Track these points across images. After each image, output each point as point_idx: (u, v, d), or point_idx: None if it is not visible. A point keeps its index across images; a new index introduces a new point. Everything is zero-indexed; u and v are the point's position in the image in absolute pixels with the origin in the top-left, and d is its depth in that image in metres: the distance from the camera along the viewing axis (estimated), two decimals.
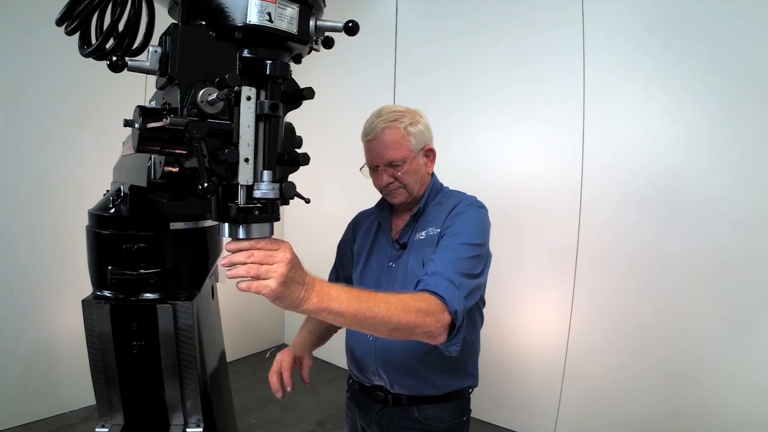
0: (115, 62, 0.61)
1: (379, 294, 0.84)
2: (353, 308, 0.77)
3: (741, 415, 1.65)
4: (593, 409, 2.02)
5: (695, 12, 1.73)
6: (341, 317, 0.77)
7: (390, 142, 1.09)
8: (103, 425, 0.88)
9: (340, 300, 0.77)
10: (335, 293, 0.77)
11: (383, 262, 1.17)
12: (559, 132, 2.08)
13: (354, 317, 0.78)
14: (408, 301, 0.85)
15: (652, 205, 1.84)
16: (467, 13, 2.38)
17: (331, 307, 0.75)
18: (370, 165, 1.15)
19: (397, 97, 2.68)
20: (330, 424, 2.28)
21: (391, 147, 1.09)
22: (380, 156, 1.10)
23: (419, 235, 1.12)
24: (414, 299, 0.86)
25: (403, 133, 1.10)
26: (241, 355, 3.13)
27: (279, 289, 0.67)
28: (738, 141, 1.67)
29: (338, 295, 0.77)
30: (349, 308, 0.77)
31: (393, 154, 1.09)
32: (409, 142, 1.10)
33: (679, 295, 1.79)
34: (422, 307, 0.85)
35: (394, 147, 1.09)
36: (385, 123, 1.10)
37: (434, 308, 0.87)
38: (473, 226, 1.05)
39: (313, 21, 0.68)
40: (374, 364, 1.11)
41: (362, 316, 0.78)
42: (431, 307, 0.86)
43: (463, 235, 1.02)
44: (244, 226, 0.66)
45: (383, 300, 0.82)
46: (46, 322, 2.23)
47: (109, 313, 0.82)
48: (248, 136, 0.62)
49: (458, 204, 1.10)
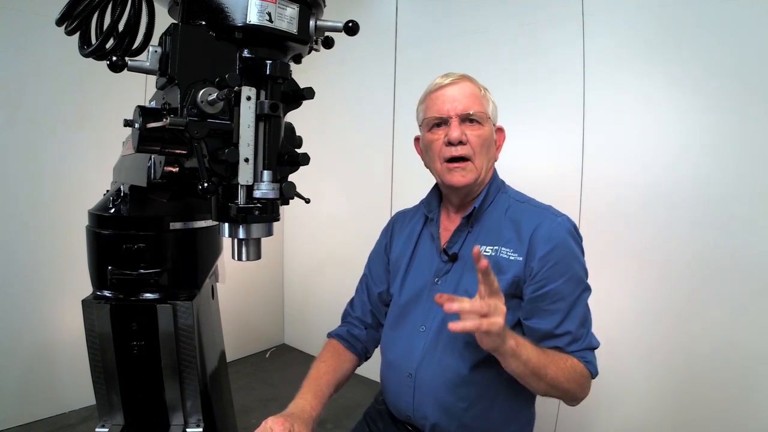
0: (115, 62, 0.61)
1: (549, 353, 0.86)
2: (534, 361, 0.81)
3: (741, 416, 1.65)
4: (593, 410, 2.02)
5: (696, 12, 1.73)
6: (523, 366, 0.80)
7: (470, 93, 0.93)
8: (103, 425, 0.87)
9: (528, 349, 0.81)
10: (526, 343, 0.81)
11: (426, 278, 0.98)
12: (559, 132, 2.08)
13: (532, 370, 0.81)
14: (571, 370, 0.87)
15: (653, 206, 1.84)
16: (467, 13, 2.38)
17: (521, 353, 0.79)
18: (436, 118, 0.94)
19: (397, 97, 2.68)
20: (330, 424, 2.28)
21: (470, 97, 0.92)
22: (456, 101, 0.91)
23: (482, 249, 0.90)
24: (575, 370, 0.87)
25: (483, 93, 0.95)
26: (241, 355, 3.13)
27: (503, 325, 0.73)
28: (739, 141, 1.67)
29: (526, 344, 0.81)
30: (531, 359, 0.81)
31: (473, 105, 0.92)
32: (487, 103, 0.95)
33: (679, 296, 1.79)
34: (579, 379, 0.88)
35: (474, 99, 0.92)
36: (463, 74, 0.95)
37: (586, 381, 0.90)
38: (580, 263, 0.94)
39: (313, 21, 0.68)
40: (411, 404, 0.95)
41: (538, 372, 0.82)
42: (585, 380, 0.90)
43: (580, 281, 0.92)
44: (244, 226, 0.66)
45: (553, 362, 0.84)
46: (46, 322, 2.23)
47: (109, 313, 0.82)
48: (248, 136, 0.62)
49: (542, 225, 0.90)
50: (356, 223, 2.86)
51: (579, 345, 0.91)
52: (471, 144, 0.92)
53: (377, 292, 1.11)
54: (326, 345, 1.11)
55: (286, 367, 3.03)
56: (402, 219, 1.13)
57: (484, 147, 0.93)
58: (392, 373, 0.99)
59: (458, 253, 0.95)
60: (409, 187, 2.60)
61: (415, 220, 1.09)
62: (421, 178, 1.19)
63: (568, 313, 0.90)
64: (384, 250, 1.12)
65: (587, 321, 0.93)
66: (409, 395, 0.95)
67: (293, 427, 0.80)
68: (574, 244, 0.93)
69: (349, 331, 1.11)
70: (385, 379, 1.04)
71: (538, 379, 0.83)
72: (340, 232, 2.96)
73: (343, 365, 1.05)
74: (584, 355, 0.91)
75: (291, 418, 0.82)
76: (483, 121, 0.92)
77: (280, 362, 3.13)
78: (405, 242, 1.06)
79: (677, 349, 1.80)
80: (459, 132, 0.91)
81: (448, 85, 0.94)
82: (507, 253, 0.90)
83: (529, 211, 0.95)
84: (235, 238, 0.68)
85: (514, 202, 0.98)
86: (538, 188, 2.24)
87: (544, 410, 2.18)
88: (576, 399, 0.91)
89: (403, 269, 1.03)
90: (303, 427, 0.82)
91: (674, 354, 1.80)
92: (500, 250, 0.91)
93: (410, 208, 1.14)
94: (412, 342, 0.97)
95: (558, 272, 0.88)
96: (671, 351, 1.81)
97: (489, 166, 0.97)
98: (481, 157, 0.93)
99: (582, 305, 0.92)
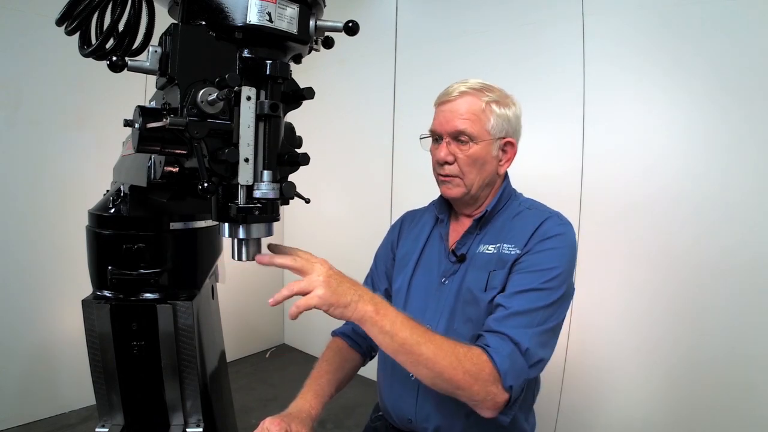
0: (115, 62, 0.61)
1: (435, 335, 0.76)
2: (403, 335, 0.72)
3: (742, 417, 1.65)
4: (593, 410, 2.02)
5: (696, 11, 1.73)
6: (389, 338, 0.72)
7: (465, 111, 0.91)
8: (103, 425, 0.87)
9: (394, 321, 0.72)
10: (392, 313, 0.73)
11: (433, 278, 0.97)
12: (559, 132, 2.08)
13: (401, 345, 0.72)
14: (460, 355, 0.75)
15: (653, 205, 1.84)
16: (467, 13, 2.38)
17: (383, 324, 0.71)
18: (432, 133, 0.96)
19: (397, 97, 2.68)
20: (330, 424, 2.28)
21: (464, 115, 0.90)
22: (447, 121, 0.91)
23: (485, 247, 0.92)
24: (467, 356, 0.75)
25: (483, 108, 0.91)
26: (241, 355, 3.13)
27: (327, 294, 0.67)
28: (740, 140, 1.67)
29: (394, 316, 0.73)
30: (400, 333, 0.72)
31: (463, 124, 0.90)
32: (487, 120, 0.91)
33: (680, 296, 1.79)
34: (472, 369, 0.74)
35: (468, 117, 0.90)
36: (467, 88, 0.92)
37: (485, 376, 0.75)
38: (559, 260, 0.85)
39: (313, 21, 0.68)
40: (413, 409, 0.93)
41: (408, 348, 0.72)
42: (482, 374, 0.75)
43: (545, 273, 0.82)
44: (244, 226, 0.66)
45: (436, 342, 0.74)
46: (46, 322, 2.23)
47: (109, 313, 0.82)
48: (248, 136, 0.62)
49: (545, 222, 0.89)
50: (356, 223, 2.86)
51: (501, 325, 0.79)
52: (459, 163, 0.92)
53: (383, 289, 1.09)
54: (330, 343, 1.09)
55: (286, 367, 3.03)
56: (411, 218, 1.13)
57: (475, 166, 0.92)
58: (394, 374, 0.97)
59: (466, 254, 0.94)
60: (409, 187, 2.60)
61: (424, 220, 1.08)
62: (421, 178, 1.19)
63: (524, 294, 0.81)
64: (390, 248, 1.11)
65: (538, 318, 0.80)
66: (412, 398, 0.92)
67: (290, 427, 0.79)
68: (568, 248, 0.89)
69: (354, 329, 1.10)
70: (384, 383, 1.01)
71: (410, 357, 0.73)
72: (340, 232, 2.96)
73: (346, 364, 1.04)
74: (496, 344, 0.77)
75: (288, 418, 0.81)
76: (475, 139, 0.91)
77: (280, 362, 3.13)
78: (414, 241, 1.05)
79: (678, 350, 1.80)
80: (445, 152, 0.92)
81: (450, 101, 0.93)
82: (508, 249, 0.89)
83: (536, 215, 0.94)
84: (235, 238, 0.68)
85: (525, 209, 0.97)
86: (538, 188, 2.24)
87: (545, 410, 2.18)
88: (473, 402, 0.77)
89: (411, 267, 1.01)
90: (301, 427, 0.81)
91: (675, 354, 1.80)
92: (501, 246, 0.90)
93: (419, 209, 1.13)
94: None
95: (540, 258, 0.85)
96: (672, 351, 1.81)
97: (484, 181, 0.95)
98: (470, 176, 0.92)
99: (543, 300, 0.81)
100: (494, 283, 0.87)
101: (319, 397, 0.91)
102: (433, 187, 1.04)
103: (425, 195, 1.20)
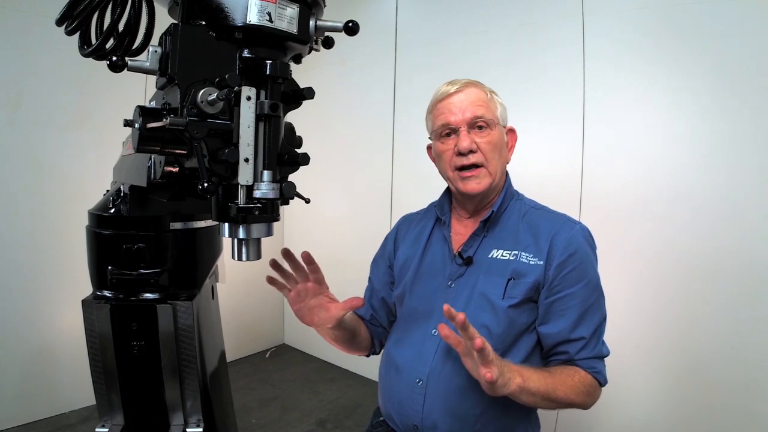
0: (115, 62, 0.61)
1: (555, 373, 0.86)
2: (544, 389, 0.81)
3: (742, 417, 1.65)
4: (594, 411, 2.02)
5: (696, 11, 1.73)
6: (534, 397, 0.80)
7: (475, 98, 0.92)
8: (103, 425, 0.87)
9: (534, 380, 0.81)
10: (531, 374, 0.81)
11: (438, 282, 0.96)
12: (558, 132, 2.08)
13: (543, 397, 0.81)
14: (578, 386, 0.87)
15: (653, 205, 1.84)
16: (467, 13, 2.37)
17: (529, 387, 0.79)
18: (444, 128, 0.93)
19: (397, 97, 2.68)
20: (330, 424, 2.28)
21: (476, 102, 0.92)
22: (462, 111, 0.91)
23: (499, 253, 0.92)
24: (583, 383, 0.88)
25: (489, 96, 0.95)
26: (241, 355, 3.13)
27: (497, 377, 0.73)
28: (741, 140, 1.67)
29: (531, 375, 0.81)
30: (540, 388, 0.81)
31: (480, 110, 0.91)
32: (495, 107, 0.94)
33: (680, 296, 1.79)
34: (589, 390, 0.89)
35: (480, 104, 0.92)
36: (468, 80, 0.94)
37: (596, 390, 0.91)
38: (591, 269, 0.93)
39: (313, 21, 0.68)
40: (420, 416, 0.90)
41: (548, 397, 0.82)
42: (595, 393, 0.91)
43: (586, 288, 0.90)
44: (244, 226, 0.66)
45: (561, 382, 0.85)
46: (46, 322, 2.23)
47: (109, 313, 0.82)
48: (248, 136, 0.62)
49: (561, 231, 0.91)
50: (356, 223, 2.86)
51: (589, 352, 0.90)
52: (482, 150, 0.91)
53: (379, 298, 1.09)
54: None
55: (286, 367, 3.03)
56: (407, 223, 1.11)
57: (496, 151, 0.92)
58: (400, 379, 0.95)
59: (473, 257, 0.93)
60: (409, 187, 2.60)
61: (423, 222, 1.06)
62: (421, 179, 1.19)
63: (583, 318, 0.89)
64: (387, 258, 1.10)
65: (601, 328, 0.92)
66: (419, 402, 0.90)
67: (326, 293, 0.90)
68: (591, 252, 0.94)
69: (373, 315, 1.10)
70: (388, 388, 0.98)
71: (550, 402, 0.84)
72: (340, 232, 2.96)
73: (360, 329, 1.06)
74: (593, 365, 0.90)
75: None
76: (492, 125, 0.92)
77: (280, 362, 3.13)
78: (412, 244, 1.04)
79: (678, 350, 1.80)
80: (468, 141, 0.90)
81: (455, 93, 0.93)
82: (527, 258, 0.90)
83: (547, 218, 0.95)
84: (235, 238, 0.68)
85: (531, 209, 0.98)
86: (538, 188, 2.24)
87: (544, 410, 2.18)
88: (586, 407, 0.93)
89: (412, 271, 1.00)
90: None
91: (675, 355, 1.80)
92: (520, 254, 0.91)
93: (415, 213, 1.12)
94: (423, 346, 0.93)
95: (574, 278, 0.89)
96: (672, 352, 1.81)
97: (503, 169, 0.96)
98: (493, 162, 0.92)
99: (597, 312, 0.92)
100: (514, 292, 0.89)
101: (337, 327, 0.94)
102: (433, 188, 1.03)
103: (425, 195, 1.20)
